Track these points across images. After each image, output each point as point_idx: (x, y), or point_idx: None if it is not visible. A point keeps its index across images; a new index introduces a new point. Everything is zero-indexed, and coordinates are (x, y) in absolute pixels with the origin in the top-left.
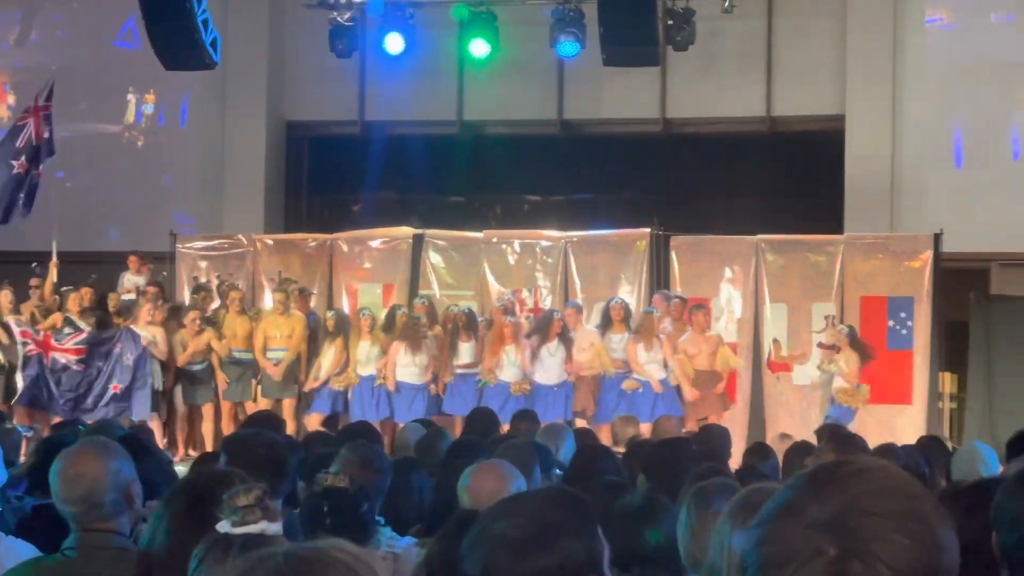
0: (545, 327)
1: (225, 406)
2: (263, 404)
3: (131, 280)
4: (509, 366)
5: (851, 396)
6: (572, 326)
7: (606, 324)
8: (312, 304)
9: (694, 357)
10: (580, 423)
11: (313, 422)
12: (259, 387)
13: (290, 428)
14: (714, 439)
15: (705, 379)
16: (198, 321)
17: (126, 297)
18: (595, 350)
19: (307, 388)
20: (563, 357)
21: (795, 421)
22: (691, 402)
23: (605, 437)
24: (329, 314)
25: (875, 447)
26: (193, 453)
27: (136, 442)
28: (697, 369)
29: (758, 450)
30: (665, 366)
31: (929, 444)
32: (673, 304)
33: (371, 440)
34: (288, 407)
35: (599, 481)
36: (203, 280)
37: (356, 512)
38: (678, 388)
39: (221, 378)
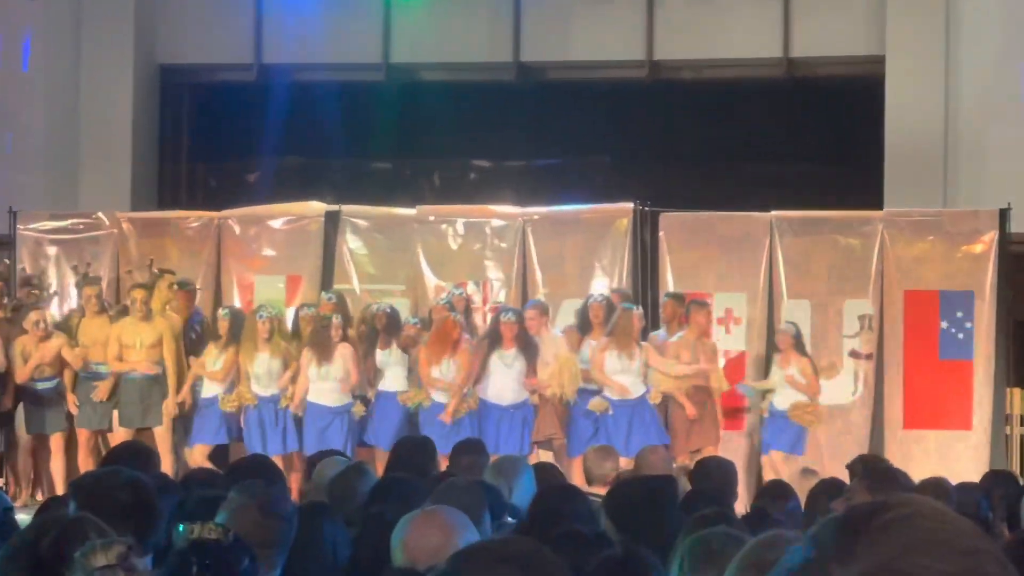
0: (495, 330)
1: (81, 435)
2: (125, 434)
3: None
4: (443, 372)
5: (810, 413)
6: (535, 331)
7: (584, 328)
8: (196, 301)
9: (693, 368)
10: (545, 456)
11: (196, 456)
12: (117, 412)
13: (166, 464)
14: (714, 476)
15: (701, 398)
16: (44, 324)
17: None
18: (558, 364)
19: (173, 413)
20: (521, 369)
21: (820, 453)
22: (682, 428)
23: (579, 475)
24: (222, 313)
25: (922, 483)
26: (41, 498)
27: None
28: (695, 385)
29: (773, 490)
30: (645, 379)
31: (993, 481)
32: (665, 304)
33: (270, 479)
34: (163, 438)
35: (566, 531)
36: (43, 270)
37: (233, 571)
38: (666, 408)
39: (71, 399)
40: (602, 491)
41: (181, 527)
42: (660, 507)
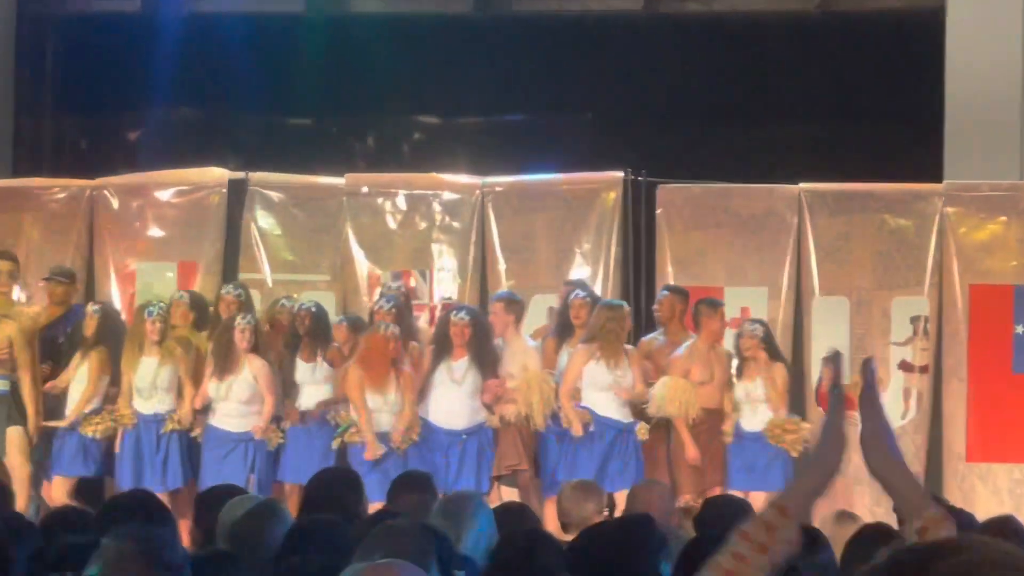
0: (443, 334)
1: None
2: None
3: None
4: (385, 411)
5: (791, 433)
6: (500, 332)
7: (563, 332)
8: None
9: (702, 386)
10: (509, 493)
11: (55, 492)
12: None
13: (20, 503)
14: (726, 520)
15: (712, 424)
16: None
17: None
18: (526, 380)
19: (34, 432)
20: (476, 384)
21: (864, 491)
22: (686, 461)
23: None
24: (91, 309)
25: (986, 522)
26: None
27: None
28: (704, 407)
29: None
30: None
31: None
32: (663, 300)
33: (156, 521)
34: (17, 469)
35: None
36: None
37: None
38: (667, 435)
39: None
40: None
41: None
42: (629, 557)
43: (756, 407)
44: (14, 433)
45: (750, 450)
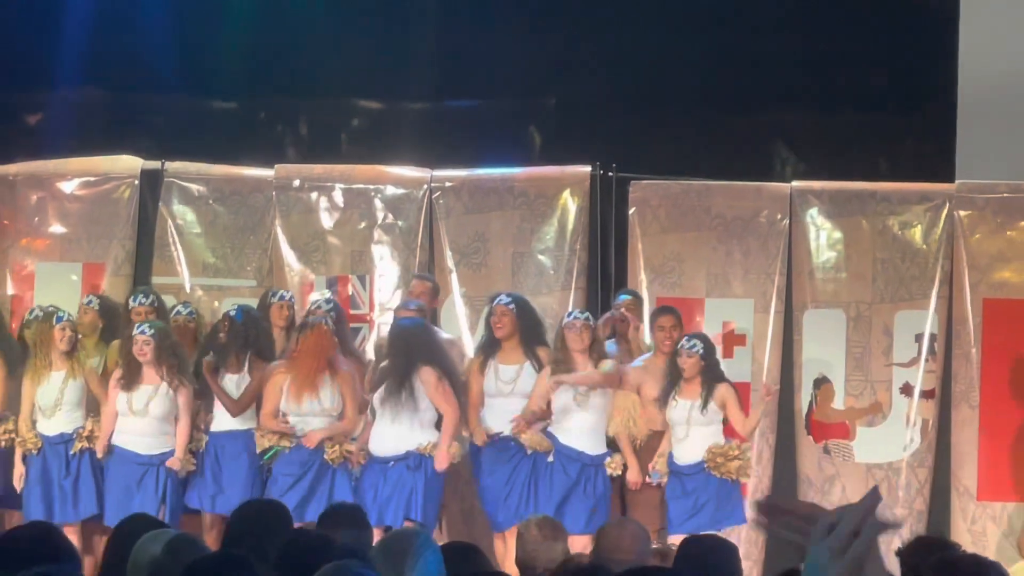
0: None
1: None
2: None
3: None
4: (319, 415)
5: (737, 458)
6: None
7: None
8: None
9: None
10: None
11: None
12: None
13: None
14: (712, 566)
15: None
16: None
17: None
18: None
19: None
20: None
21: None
22: (647, 496)
23: (509, 558)
24: None
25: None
26: None
27: None
28: (653, 428)
29: None
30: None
31: None
32: (617, 307)
33: (57, 559)
34: None
35: None
36: None
37: None
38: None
39: None
40: None
41: None
42: None
43: (691, 430)
44: None
45: (696, 483)
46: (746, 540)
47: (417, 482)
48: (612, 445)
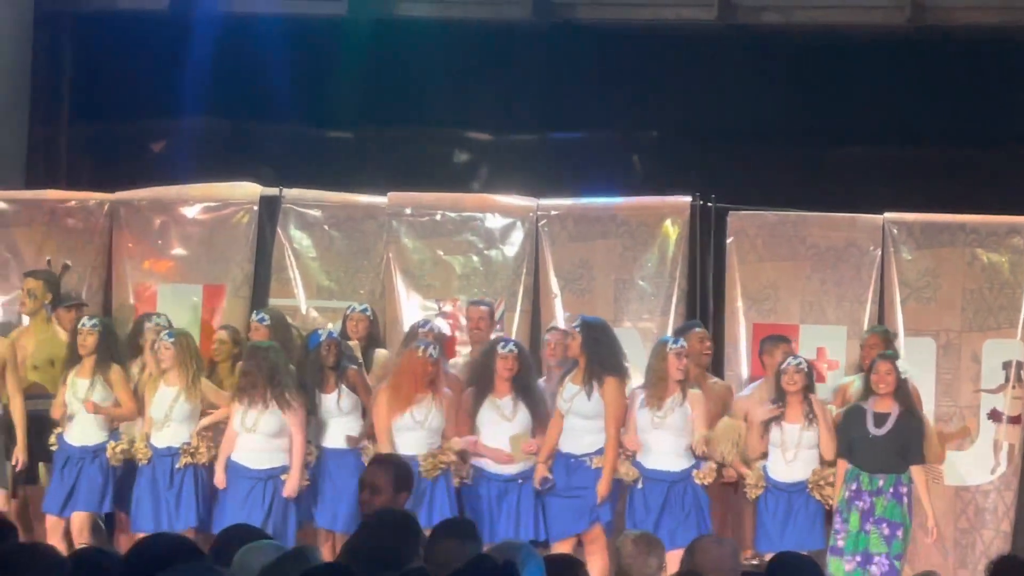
0: (485, 368)
1: None
2: None
3: None
4: (413, 429)
5: (830, 488)
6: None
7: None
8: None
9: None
10: (559, 546)
11: (53, 528)
12: None
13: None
14: None
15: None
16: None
17: None
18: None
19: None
20: (527, 424)
21: (947, 551)
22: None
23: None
24: (88, 324)
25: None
26: None
27: None
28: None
29: None
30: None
31: None
32: (690, 336)
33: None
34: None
35: None
36: None
37: None
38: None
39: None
40: None
41: None
42: None
43: (800, 453)
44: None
45: (785, 503)
46: None
47: (532, 497)
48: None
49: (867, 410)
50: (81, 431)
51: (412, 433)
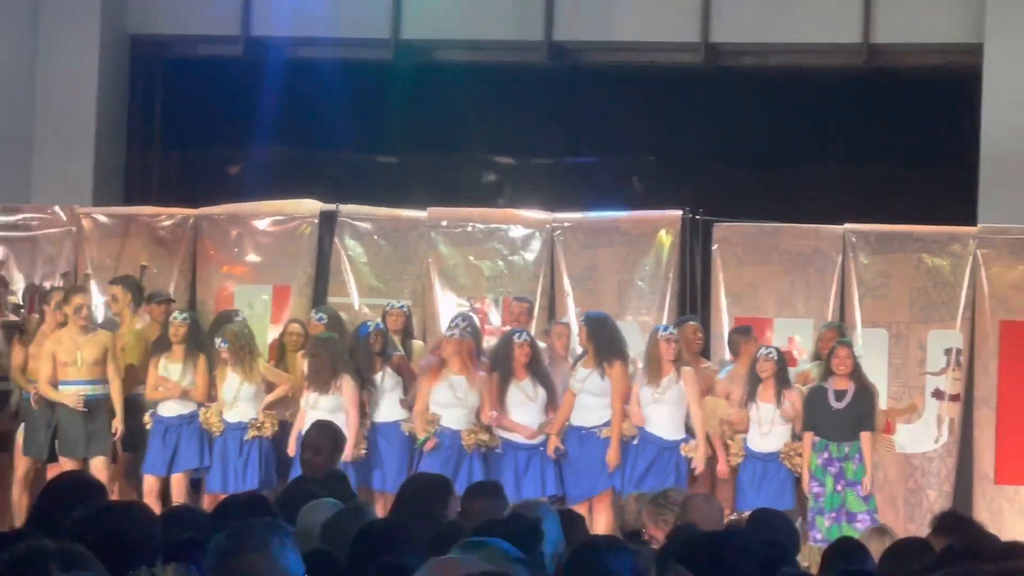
0: (503, 354)
1: (21, 465)
2: (68, 464)
3: None
4: (451, 405)
5: (799, 458)
6: (561, 354)
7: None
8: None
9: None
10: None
11: (150, 490)
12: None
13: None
14: (779, 532)
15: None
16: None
17: None
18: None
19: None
20: (544, 401)
21: (898, 508)
22: (722, 479)
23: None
24: (179, 317)
25: (1005, 544)
26: None
27: None
28: (739, 430)
29: (846, 550)
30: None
31: None
32: (685, 328)
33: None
34: (100, 468)
35: None
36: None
37: None
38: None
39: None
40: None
41: None
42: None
43: (774, 428)
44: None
45: (761, 470)
46: None
47: (539, 465)
48: (690, 431)
49: (828, 388)
50: (175, 403)
51: (455, 409)
